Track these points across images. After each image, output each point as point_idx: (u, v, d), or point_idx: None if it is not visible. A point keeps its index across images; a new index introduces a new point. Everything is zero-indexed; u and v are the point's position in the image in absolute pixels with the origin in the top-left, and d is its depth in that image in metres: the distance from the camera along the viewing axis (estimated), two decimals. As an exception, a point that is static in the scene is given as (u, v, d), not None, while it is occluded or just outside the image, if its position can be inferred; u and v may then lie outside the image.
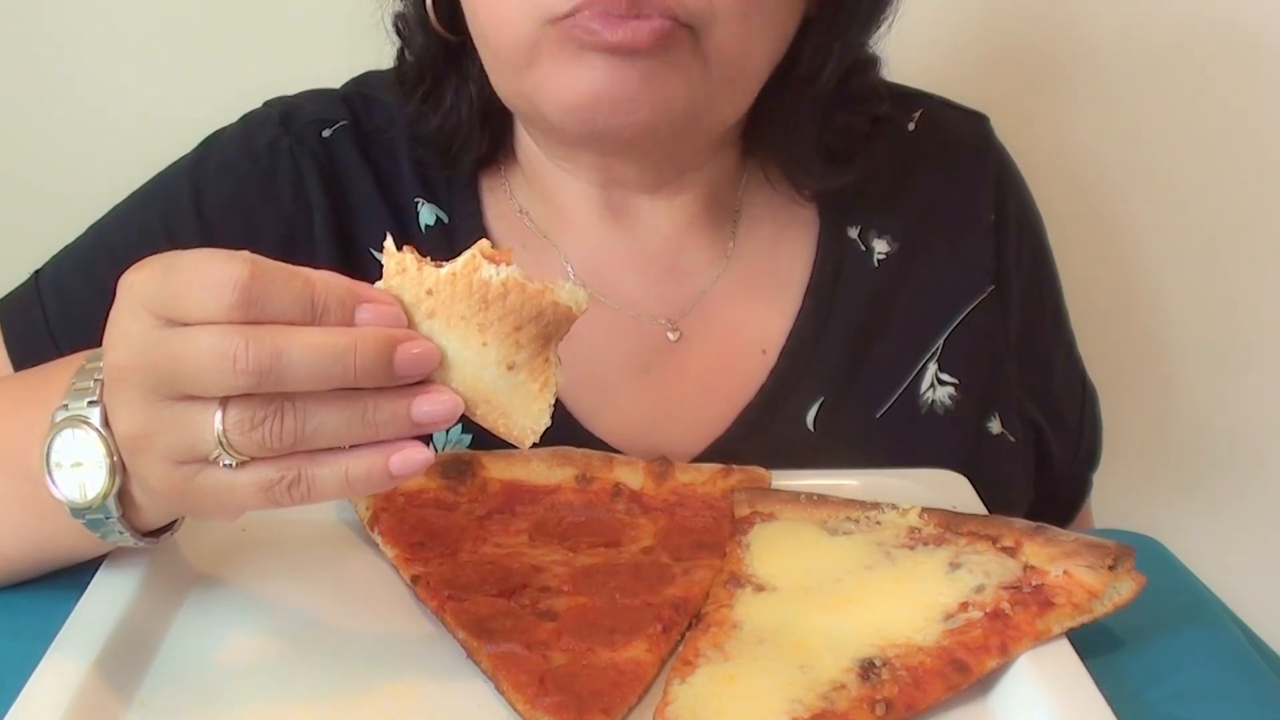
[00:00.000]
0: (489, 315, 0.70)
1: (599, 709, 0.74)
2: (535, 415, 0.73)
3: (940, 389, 1.12)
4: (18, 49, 1.50)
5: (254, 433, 0.68)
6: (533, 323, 0.71)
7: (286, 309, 0.68)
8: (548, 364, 0.72)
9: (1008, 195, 1.19)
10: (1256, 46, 1.51)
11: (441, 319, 0.70)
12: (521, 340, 0.71)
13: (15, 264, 1.11)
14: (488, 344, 0.70)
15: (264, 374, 0.67)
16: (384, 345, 0.69)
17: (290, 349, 0.67)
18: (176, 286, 0.68)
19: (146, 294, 0.69)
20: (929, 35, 1.47)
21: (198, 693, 0.76)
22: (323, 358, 0.67)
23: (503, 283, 0.70)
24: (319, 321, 0.69)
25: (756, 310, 1.12)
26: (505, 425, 0.73)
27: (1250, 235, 1.59)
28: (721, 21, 0.93)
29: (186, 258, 0.69)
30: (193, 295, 0.68)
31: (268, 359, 0.66)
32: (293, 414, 0.68)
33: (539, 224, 1.12)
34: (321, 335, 0.68)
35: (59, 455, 0.75)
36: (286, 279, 0.68)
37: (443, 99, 1.09)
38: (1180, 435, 1.65)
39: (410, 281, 0.71)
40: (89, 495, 0.75)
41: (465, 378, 0.71)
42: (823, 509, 0.91)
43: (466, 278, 0.70)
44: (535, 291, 0.70)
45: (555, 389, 0.73)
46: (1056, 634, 0.79)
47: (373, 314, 0.70)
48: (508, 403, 0.72)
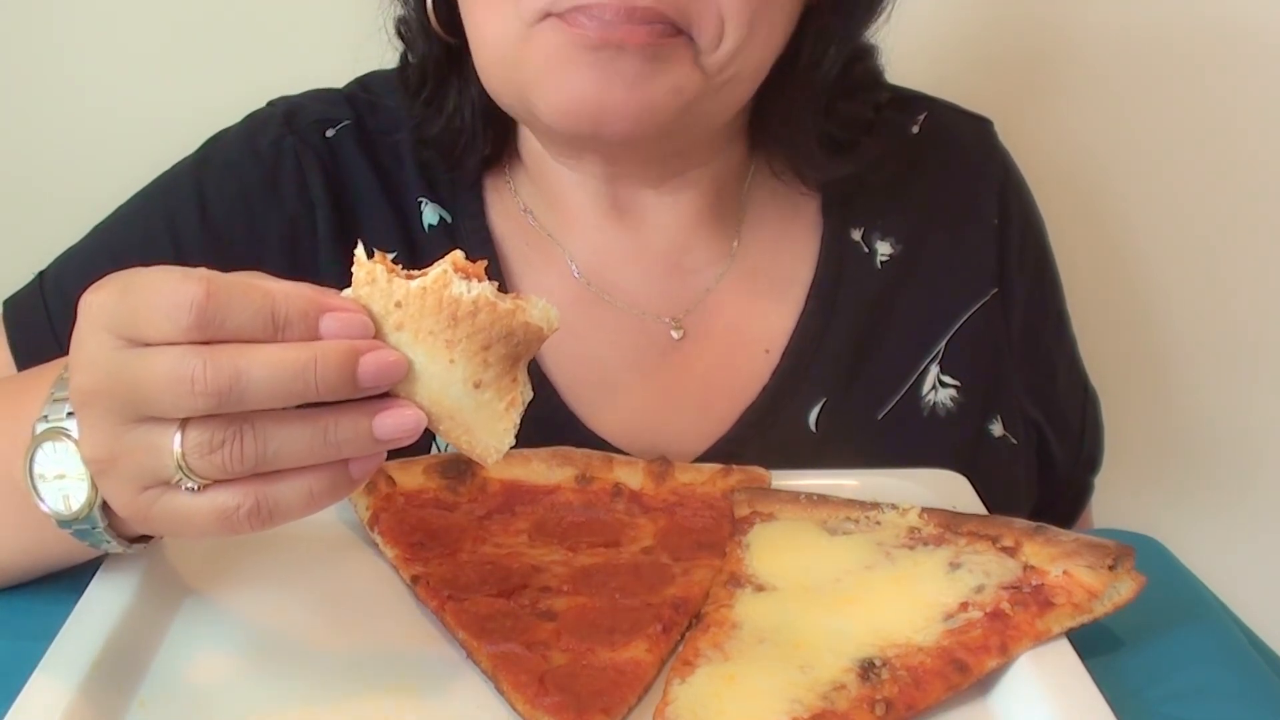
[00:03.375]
0: (458, 333, 0.68)
1: (599, 709, 0.74)
2: (500, 434, 0.71)
3: (942, 391, 1.12)
4: (21, 50, 1.50)
5: (214, 455, 0.67)
6: (502, 342, 0.69)
7: (246, 325, 0.66)
8: (515, 383, 0.71)
9: (1011, 199, 1.19)
10: (1257, 48, 1.51)
11: (409, 332, 0.69)
12: (490, 359, 0.69)
13: (19, 264, 1.11)
14: (455, 361, 0.69)
15: (224, 395, 0.65)
16: (347, 358, 0.67)
17: (250, 368, 0.65)
18: (133, 307, 0.67)
19: (105, 315, 0.68)
20: (930, 37, 1.47)
21: (197, 692, 0.76)
22: (283, 374, 0.66)
23: (473, 301, 0.68)
24: (282, 335, 0.67)
25: (760, 310, 1.12)
26: (469, 443, 0.72)
27: (1250, 238, 1.59)
28: (729, 33, 0.93)
29: (143, 277, 0.68)
30: (150, 316, 0.66)
31: (226, 380, 0.65)
32: (252, 436, 0.67)
33: (543, 223, 1.12)
34: (281, 351, 0.66)
35: (41, 467, 0.75)
36: (244, 294, 0.66)
37: (445, 102, 1.09)
38: (1180, 436, 1.65)
39: (379, 292, 0.69)
40: (73, 507, 0.75)
41: (430, 393, 0.70)
42: (823, 509, 0.91)
43: (437, 293, 0.68)
44: (506, 311, 0.69)
45: (522, 408, 0.71)
46: (1056, 634, 0.79)
47: (337, 323, 0.68)
48: (473, 420, 0.71)
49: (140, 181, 1.13)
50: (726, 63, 0.95)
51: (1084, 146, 1.55)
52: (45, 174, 1.53)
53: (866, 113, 1.11)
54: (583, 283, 1.10)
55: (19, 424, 0.77)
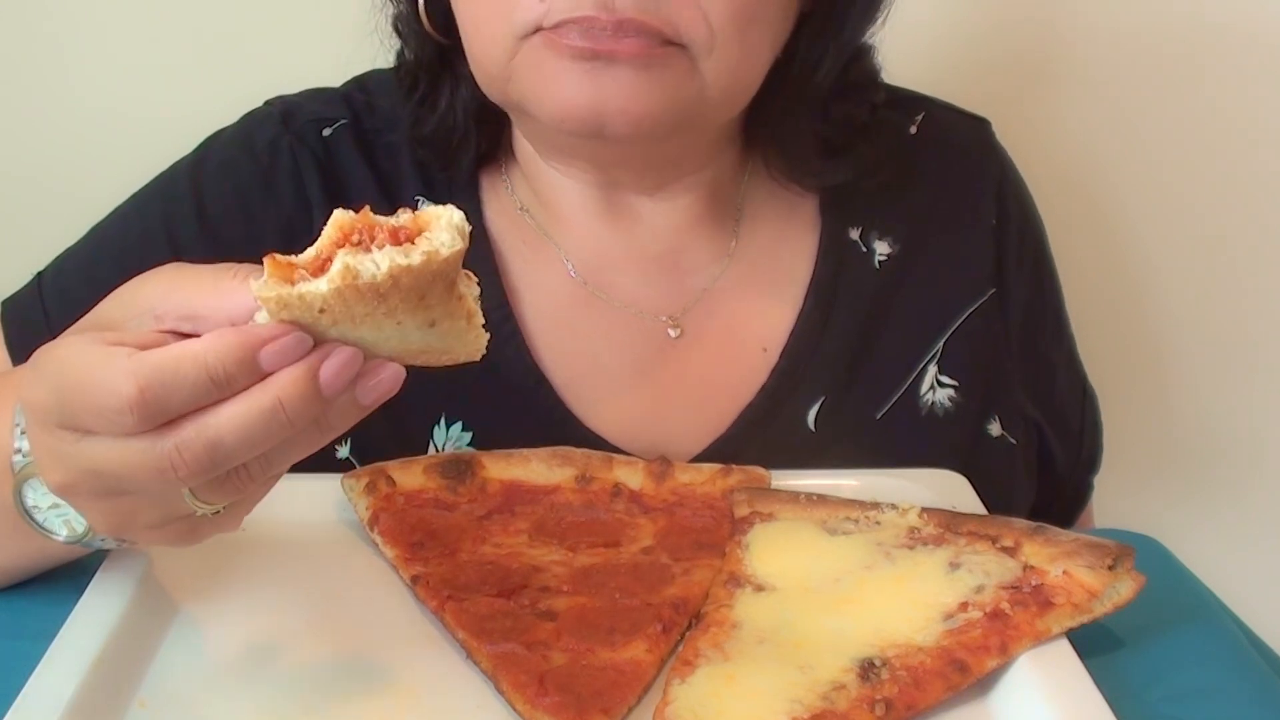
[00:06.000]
0: (390, 304, 0.66)
1: (599, 709, 0.74)
2: (473, 340, 0.71)
3: (940, 391, 1.12)
4: (18, 49, 1.49)
5: (224, 487, 0.68)
6: (434, 283, 0.67)
7: (189, 400, 0.65)
8: (463, 298, 0.69)
9: (1009, 199, 1.19)
10: (1256, 48, 1.51)
11: (346, 323, 0.67)
12: (431, 301, 0.67)
13: (18, 265, 1.11)
14: (402, 322, 0.67)
15: (209, 469, 0.66)
16: (305, 383, 0.66)
17: (221, 435, 0.65)
18: (74, 410, 0.66)
19: (51, 415, 0.68)
20: (928, 38, 1.47)
21: (197, 692, 0.76)
22: (256, 426, 0.65)
23: (389, 275, 0.65)
24: (228, 391, 0.65)
25: (758, 309, 1.12)
26: (451, 359, 0.72)
27: (1249, 237, 1.58)
28: (721, 42, 0.93)
29: (70, 374, 0.66)
30: (93, 421, 0.66)
31: (206, 457, 0.65)
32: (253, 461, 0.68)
33: (539, 222, 1.12)
34: (244, 406, 0.65)
35: (33, 501, 0.75)
36: (174, 376, 0.64)
37: (439, 101, 1.09)
38: (1180, 435, 1.65)
39: (298, 309, 0.66)
40: (78, 530, 0.76)
41: (394, 348, 0.69)
42: (822, 509, 0.91)
43: (352, 286, 0.65)
44: (422, 263, 0.65)
45: (478, 308, 0.69)
46: (1056, 634, 0.79)
47: (276, 355, 0.66)
48: (443, 345, 0.70)
49: (138, 181, 1.13)
50: (721, 70, 0.95)
51: (1082, 146, 1.55)
52: (43, 174, 1.53)
53: (863, 114, 1.11)
54: (579, 281, 1.10)
55: None
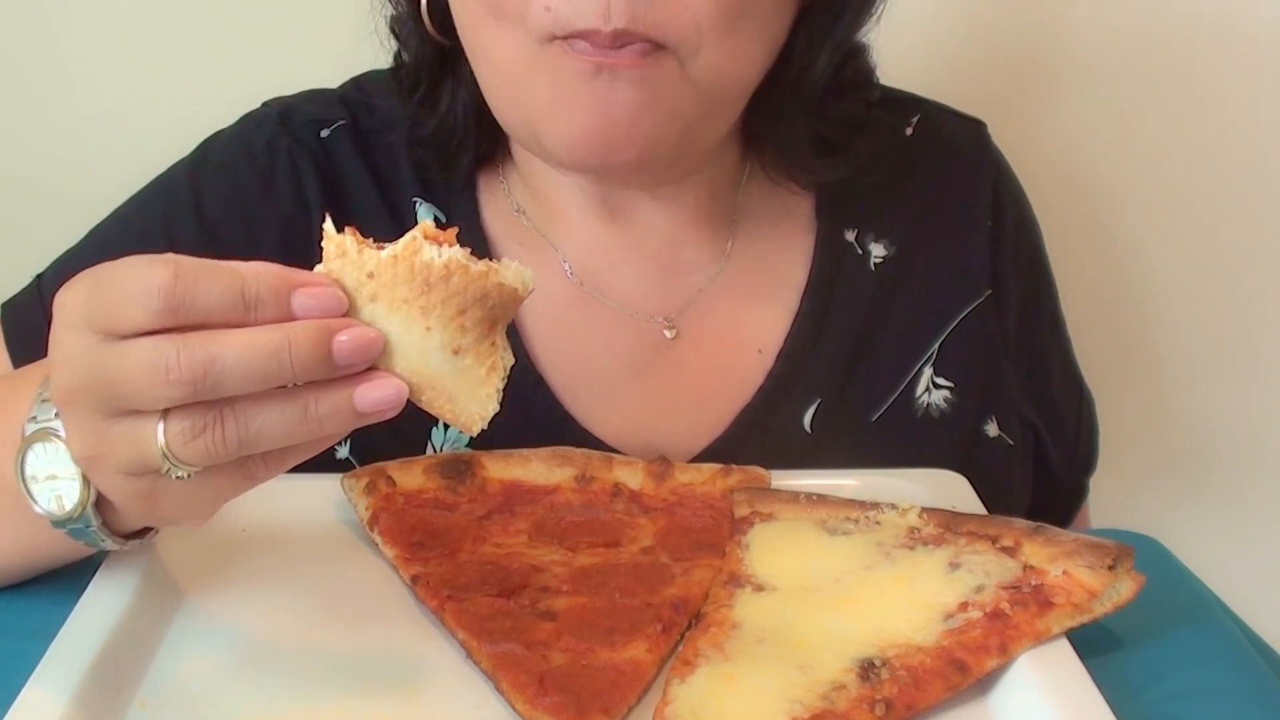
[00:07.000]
0: (432, 299, 0.67)
1: (599, 709, 0.74)
2: (483, 400, 0.70)
3: (935, 392, 1.12)
4: (17, 50, 1.49)
5: (196, 442, 0.67)
6: (477, 305, 0.68)
7: (215, 307, 0.66)
8: (495, 348, 0.70)
9: (1005, 201, 1.19)
10: (1253, 48, 1.51)
11: (384, 303, 0.68)
12: (466, 324, 0.68)
13: (18, 267, 1.11)
14: (431, 328, 0.68)
15: (199, 382, 0.65)
16: (320, 337, 0.66)
17: (223, 353, 0.65)
18: (104, 299, 0.67)
19: (78, 312, 0.68)
20: (924, 38, 1.48)
21: (197, 692, 0.76)
22: (257, 358, 0.65)
23: (445, 265, 0.67)
24: (253, 315, 0.66)
25: (754, 310, 1.12)
26: (452, 411, 0.70)
27: (1247, 238, 1.59)
28: (707, 43, 0.93)
29: (111, 269, 0.67)
30: (120, 306, 0.66)
31: (200, 367, 0.65)
32: (234, 420, 0.67)
33: (536, 222, 1.12)
34: (254, 335, 0.66)
35: (33, 469, 0.75)
36: (211, 276, 0.66)
37: (438, 102, 1.09)
38: (1179, 435, 1.66)
39: (351, 265, 0.68)
40: (66, 507, 0.75)
41: (409, 363, 0.69)
42: (822, 509, 0.91)
43: (408, 260, 0.67)
44: (479, 273, 0.67)
45: (503, 373, 0.70)
46: (1056, 634, 0.79)
47: (310, 299, 0.67)
48: (454, 388, 0.70)
49: (137, 181, 1.13)
50: (710, 69, 0.94)
51: (1078, 147, 1.55)
52: (43, 174, 1.53)
53: (858, 111, 1.11)
54: (575, 282, 1.10)
55: (9, 426, 0.77)
